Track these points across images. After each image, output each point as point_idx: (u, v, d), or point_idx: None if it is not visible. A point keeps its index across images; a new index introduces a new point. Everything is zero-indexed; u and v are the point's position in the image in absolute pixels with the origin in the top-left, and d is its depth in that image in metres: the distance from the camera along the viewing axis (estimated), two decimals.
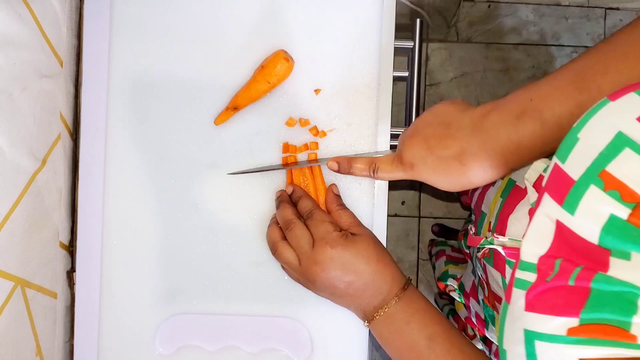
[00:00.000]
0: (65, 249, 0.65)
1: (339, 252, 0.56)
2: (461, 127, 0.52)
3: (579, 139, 0.38)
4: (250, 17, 0.64)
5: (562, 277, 0.37)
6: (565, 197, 0.37)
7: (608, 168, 0.35)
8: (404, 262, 1.53)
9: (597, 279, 0.35)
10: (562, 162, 0.39)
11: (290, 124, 0.64)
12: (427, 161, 0.53)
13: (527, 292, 0.39)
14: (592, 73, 0.46)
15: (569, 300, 0.36)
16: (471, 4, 1.50)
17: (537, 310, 0.38)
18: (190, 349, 0.64)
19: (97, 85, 0.64)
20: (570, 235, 0.37)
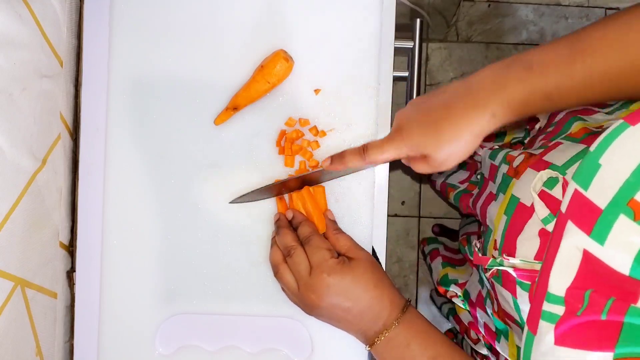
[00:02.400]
0: (65, 249, 0.65)
1: (335, 279, 0.55)
2: (449, 86, 0.52)
3: (601, 165, 0.37)
4: (250, 17, 0.64)
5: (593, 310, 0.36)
6: (593, 226, 0.36)
7: (637, 197, 0.34)
8: (404, 262, 1.53)
9: (631, 312, 0.34)
10: (585, 189, 0.38)
11: (290, 124, 0.64)
12: (414, 117, 0.52)
13: (556, 326, 0.39)
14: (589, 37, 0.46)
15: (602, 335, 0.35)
16: (471, 3, 1.50)
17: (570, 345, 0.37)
18: (190, 349, 0.64)
19: (97, 85, 0.64)
20: (599, 266, 0.36)
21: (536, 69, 0.47)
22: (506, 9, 1.51)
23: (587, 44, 0.46)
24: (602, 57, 0.44)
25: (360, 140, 0.64)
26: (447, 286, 0.87)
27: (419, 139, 0.52)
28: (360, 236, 0.64)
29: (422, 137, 0.52)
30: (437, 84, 1.52)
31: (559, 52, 0.47)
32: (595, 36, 0.45)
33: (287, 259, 0.58)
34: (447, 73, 1.52)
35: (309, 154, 0.63)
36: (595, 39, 0.45)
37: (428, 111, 0.52)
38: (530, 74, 0.47)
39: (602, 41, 0.45)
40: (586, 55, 0.45)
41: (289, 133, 0.63)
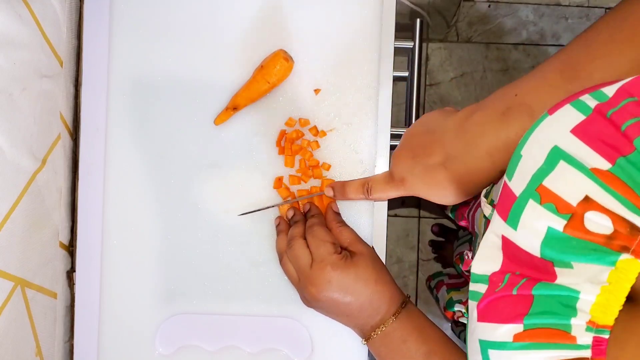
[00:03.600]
0: (65, 249, 0.65)
1: (337, 274, 0.55)
2: (445, 131, 0.51)
3: (522, 155, 0.38)
4: (250, 17, 0.64)
5: (508, 287, 0.38)
6: (508, 213, 0.38)
7: (545, 182, 0.35)
8: (404, 262, 1.53)
9: (538, 286, 0.36)
10: (509, 180, 0.39)
11: (290, 124, 0.64)
12: (415, 172, 0.52)
13: (478, 303, 0.40)
14: (580, 61, 0.45)
15: (514, 308, 0.37)
16: (471, 4, 1.50)
17: (487, 320, 0.39)
18: (190, 349, 0.64)
19: (97, 85, 0.64)
20: (515, 250, 0.38)
21: (537, 110, 0.46)
22: (506, 9, 1.51)
23: (580, 70, 0.45)
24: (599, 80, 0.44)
25: (360, 141, 0.64)
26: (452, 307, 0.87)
27: (423, 192, 0.53)
28: (360, 236, 0.63)
29: (426, 192, 0.52)
30: (437, 84, 1.52)
31: (553, 86, 0.46)
32: (585, 59, 0.45)
33: (287, 249, 0.59)
34: (447, 73, 1.52)
35: (309, 153, 0.63)
36: (587, 62, 0.45)
37: (428, 169, 0.51)
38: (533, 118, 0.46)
39: (594, 63, 0.44)
40: (584, 82, 0.44)
41: (289, 133, 0.63)
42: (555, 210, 0.34)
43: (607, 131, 0.34)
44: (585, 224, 0.33)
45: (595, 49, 0.44)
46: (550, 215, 0.34)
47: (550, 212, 0.35)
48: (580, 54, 0.45)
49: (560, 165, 0.35)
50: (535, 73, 0.48)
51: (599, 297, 0.33)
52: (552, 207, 0.34)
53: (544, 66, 0.47)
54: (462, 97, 1.50)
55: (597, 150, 0.34)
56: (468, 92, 1.52)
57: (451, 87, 1.52)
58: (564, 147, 0.35)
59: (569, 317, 0.34)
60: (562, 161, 0.35)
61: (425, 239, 1.53)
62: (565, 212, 0.34)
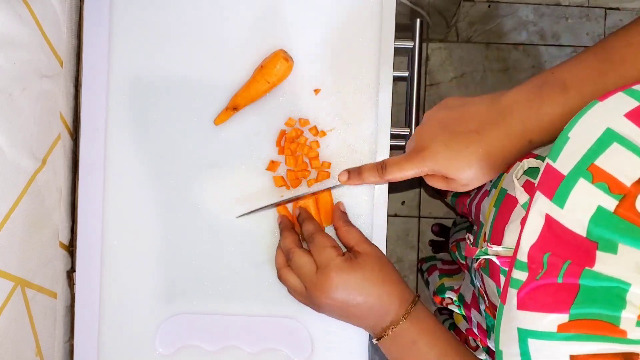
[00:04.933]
0: (65, 249, 0.65)
1: (343, 278, 0.55)
2: (478, 104, 0.50)
3: (569, 137, 0.39)
4: (250, 17, 0.64)
5: (551, 274, 0.37)
6: (555, 191, 0.38)
7: (597, 162, 0.35)
8: (404, 262, 1.53)
9: (585, 275, 0.35)
10: (554, 160, 0.39)
11: (290, 124, 0.64)
12: (440, 138, 0.50)
13: (519, 290, 0.39)
14: (615, 46, 0.46)
15: (559, 297, 0.36)
16: (471, 4, 1.50)
17: (529, 308, 0.38)
18: (190, 349, 0.64)
19: (97, 85, 0.64)
20: (558, 229, 0.37)
21: (571, 88, 0.47)
22: (506, 9, 1.51)
23: (614, 53, 0.46)
24: (632, 65, 0.45)
25: (360, 141, 0.64)
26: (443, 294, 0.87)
27: (445, 163, 0.50)
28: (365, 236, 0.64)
29: (448, 161, 0.50)
30: (437, 84, 1.52)
31: (590, 66, 0.47)
32: (620, 44, 0.46)
33: (289, 262, 0.58)
34: (447, 73, 1.52)
35: (307, 148, 0.63)
36: (622, 48, 0.46)
37: (456, 135, 0.49)
38: (567, 95, 0.47)
39: (629, 49, 0.46)
40: (617, 66, 0.46)
41: (288, 133, 0.63)
42: (608, 189, 0.34)
43: None
44: (637, 205, 0.33)
45: (631, 37, 0.46)
46: (601, 194, 0.34)
47: (601, 191, 0.34)
48: (617, 40, 0.47)
49: (614, 147, 0.35)
50: (574, 57, 0.49)
51: None
52: (604, 186, 0.34)
53: (583, 51, 0.49)
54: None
55: None
56: (468, 92, 1.52)
57: (451, 87, 1.52)
58: (617, 130, 0.35)
59: (619, 309, 0.33)
60: (615, 143, 0.35)
61: (425, 239, 1.53)
62: (618, 192, 0.34)
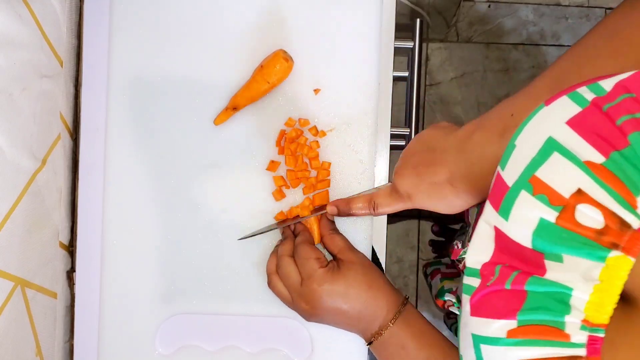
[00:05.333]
0: (65, 249, 0.65)
1: (326, 288, 0.56)
2: (446, 150, 0.52)
3: (515, 145, 0.38)
4: (250, 17, 0.64)
5: (501, 281, 0.38)
6: (500, 203, 0.38)
7: (537, 173, 0.35)
8: (404, 262, 1.53)
9: (531, 281, 0.36)
10: (502, 169, 0.39)
11: (290, 125, 0.64)
12: (421, 189, 0.53)
13: (471, 297, 0.40)
14: (567, 77, 0.46)
15: (507, 303, 0.37)
16: (471, 4, 1.50)
17: (480, 314, 0.39)
18: (190, 349, 0.64)
19: (97, 85, 0.64)
20: (507, 241, 0.38)
21: None
22: (506, 9, 1.51)
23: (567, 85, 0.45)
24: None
25: (360, 141, 0.64)
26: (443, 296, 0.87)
27: (431, 207, 0.54)
28: (360, 236, 0.64)
29: (433, 207, 0.54)
30: (437, 84, 1.52)
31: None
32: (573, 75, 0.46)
33: (277, 269, 0.59)
34: (447, 73, 1.52)
35: (307, 148, 0.63)
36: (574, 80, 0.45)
37: (434, 186, 0.52)
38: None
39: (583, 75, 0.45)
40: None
41: (288, 133, 0.63)
42: (548, 201, 0.34)
43: (603, 125, 0.34)
44: (577, 216, 0.33)
45: (582, 64, 0.46)
46: (542, 206, 0.35)
47: (542, 203, 0.35)
48: (569, 69, 0.47)
49: (554, 157, 0.35)
50: (527, 90, 0.49)
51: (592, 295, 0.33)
52: (544, 198, 0.35)
53: (536, 82, 0.49)
54: (462, 97, 1.50)
55: (592, 143, 0.34)
56: (468, 92, 1.52)
57: (451, 87, 1.52)
58: (558, 139, 0.35)
59: (562, 314, 0.34)
60: (555, 152, 0.35)
61: (425, 239, 1.53)
62: (558, 204, 0.34)
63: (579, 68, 0.46)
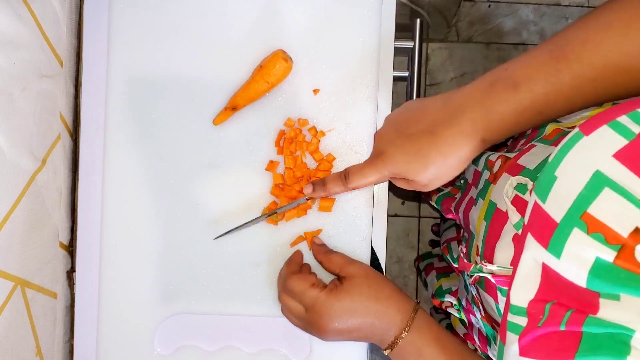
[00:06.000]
0: (65, 249, 0.65)
1: (332, 309, 0.54)
2: (431, 106, 0.51)
3: (556, 177, 0.37)
4: (250, 17, 0.64)
5: (553, 321, 0.37)
6: (549, 240, 0.37)
7: (590, 210, 0.34)
8: (403, 262, 1.53)
9: (588, 322, 0.34)
10: (543, 201, 0.38)
11: (289, 124, 0.64)
12: (396, 143, 0.51)
13: (520, 337, 0.39)
14: (571, 43, 0.44)
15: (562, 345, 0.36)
16: (471, 4, 1.50)
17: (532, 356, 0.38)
18: (189, 349, 0.64)
19: (97, 85, 0.64)
20: (557, 279, 0.37)
21: (523, 85, 0.46)
22: (506, 9, 1.51)
23: (570, 51, 0.44)
24: (587, 63, 0.43)
25: (359, 141, 0.64)
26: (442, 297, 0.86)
27: (402, 166, 0.51)
28: (360, 236, 0.64)
29: (405, 164, 0.51)
30: (437, 84, 1.52)
31: (542, 63, 0.45)
32: (577, 41, 0.44)
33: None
34: (447, 73, 1.52)
35: (312, 145, 0.63)
36: (578, 45, 0.44)
37: (410, 137, 0.50)
38: (517, 92, 0.46)
39: (585, 46, 0.43)
40: (571, 64, 0.44)
41: (287, 133, 0.63)
42: (604, 240, 0.33)
43: None
44: (637, 256, 0.32)
45: (588, 34, 0.44)
46: (598, 245, 0.33)
47: (598, 242, 0.33)
48: (573, 36, 0.45)
49: (606, 193, 0.34)
50: (528, 52, 0.48)
51: None
52: (600, 237, 0.33)
53: (538, 46, 0.48)
54: None
55: None
56: None
57: (451, 87, 1.51)
58: (607, 173, 0.34)
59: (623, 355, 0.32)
60: (607, 188, 0.34)
61: (425, 239, 1.53)
62: (615, 243, 0.33)
63: (585, 36, 0.44)
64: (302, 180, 0.63)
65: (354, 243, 0.63)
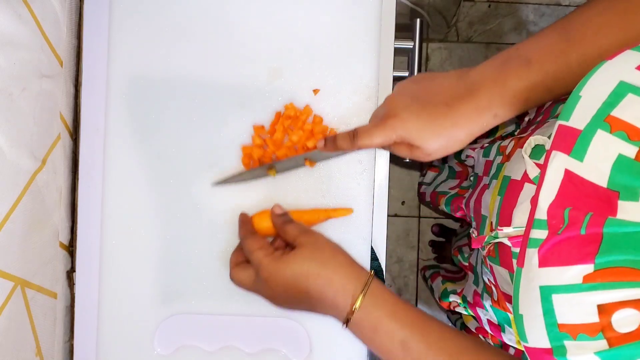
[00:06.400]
0: (65, 249, 0.65)
1: (275, 275, 0.53)
2: (448, 78, 0.53)
3: (581, 96, 0.39)
4: (250, 17, 0.64)
5: (573, 227, 0.37)
6: (573, 146, 0.38)
7: (613, 112, 0.36)
8: (404, 262, 1.53)
9: (609, 223, 0.35)
10: (566, 120, 0.40)
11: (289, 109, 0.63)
12: (411, 109, 0.53)
13: (540, 248, 0.39)
14: (575, 24, 0.48)
15: (583, 248, 0.36)
16: (471, 4, 1.50)
17: (552, 264, 0.37)
18: (189, 349, 0.64)
19: (97, 85, 0.64)
20: (579, 182, 0.38)
21: (534, 63, 0.49)
22: (506, 9, 1.51)
23: (575, 32, 0.48)
24: (592, 43, 0.47)
25: None
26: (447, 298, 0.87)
27: (414, 132, 0.52)
28: (360, 236, 0.64)
29: (418, 130, 0.52)
30: None
31: (552, 43, 0.49)
32: (582, 22, 0.48)
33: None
34: None
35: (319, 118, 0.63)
36: (583, 26, 0.48)
37: (426, 106, 0.52)
38: (530, 70, 0.49)
39: (588, 28, 0.47)
40: (577, 44, 0.47)
41: (286, 111, 0.62)
42: (627, 137, 0.35)
43: None
44: None
45: (594, 15, 0.48)
46: (621, 142, 0.35)
47: (621, 140, 0.35)
48: (577, 18, 0.49)
49: (629, 97, 0.36)
50: (538, 33, 0.51)
51: None
52: (623, 134, 0.35)
53: (547, 27, 0.51)
54: None
55: None
56: None
57: None
58: (630, 81, 0.36)
59: None
60: (630, 94, 0.36)
61: (425, 239, 1.53)
62: (638, 139, 0.34)
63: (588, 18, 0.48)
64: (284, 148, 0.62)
65: (354, 243, 0.63)
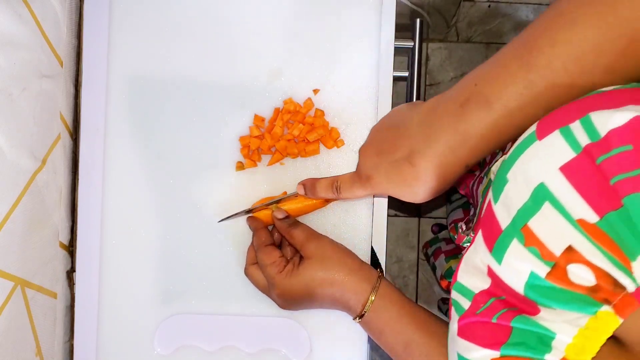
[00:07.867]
0: (65, 249, 0.65)
1: (286, 291, 0.57)
2: (409, 125, 0.48)
3: (508, 180, 0.37)
4: (250, 17, 0.64)
5: (489, 313, 0.39)
6: (493, 245, 0.38)
7: (530, 223, 0.35)
8: (403, 262, 1.53)
9: (518, 319, 0.37)
10: (495, 202, 0.38)
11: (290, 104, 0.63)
12: (380, 169, 0.49)
13: (460, 319, 0.41)
14: (538, 46, 0.40)
15: (494, 335, 0.38)
16: (471, 4, 1.50)
17: (467, 338, 0.40)
18: (189, 349, 0.64)
19: (97, 85, 0.64)
20: (500, 282, 0.38)
21: (495, 103, 0.42)
22: (506, 9, 1.51)
23: (540, 56, 0.40)
24: (562, 70, 0.39)
25: (359, 141, 0.64)
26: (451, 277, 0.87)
27: (390, 191, 0.49)
28: (360, 236, 0.64)
29: (392, 190, 0.49)
30: (437, 84, 1.52)
31: (514, 76, 0.41)
32: (545, 44, 0.39)
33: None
34: (447, 73, 1.52)
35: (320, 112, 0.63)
36: (547, 47, 0.39)
37: (393, 165, 0.48)
38: (491, 110, 0.42)
39: (555, 49, 0.39)
40: (544, 72, 0.39)
41: (286, 106, 0.62)
42: (539, 255, 0.34)
43: (596, 180, 0.32)
44: (569, 275, 0.33)
45: (556, 33, 0.39)
46: (533, 259, 0.34)
47: (534, 256, 0.34)
48: (540, 37, 0.40)
49: (546, 208, 0.34)
50: (495, 57, 0.44)
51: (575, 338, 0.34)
52: (535, 251, 0.34)
53: (504, 50, 0.43)
54: None
55: (586, 199, 0.33)
56: None
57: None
58: (550, 187, 0.34)
59: (543, 353, 0.35)
60: (547, 203, 0.34)
61: (425, 239, 1.53)
62: (549, 260, 0.34)
63: (552, 36, 0.39)
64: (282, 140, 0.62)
65: (354, 243, 0.63)
